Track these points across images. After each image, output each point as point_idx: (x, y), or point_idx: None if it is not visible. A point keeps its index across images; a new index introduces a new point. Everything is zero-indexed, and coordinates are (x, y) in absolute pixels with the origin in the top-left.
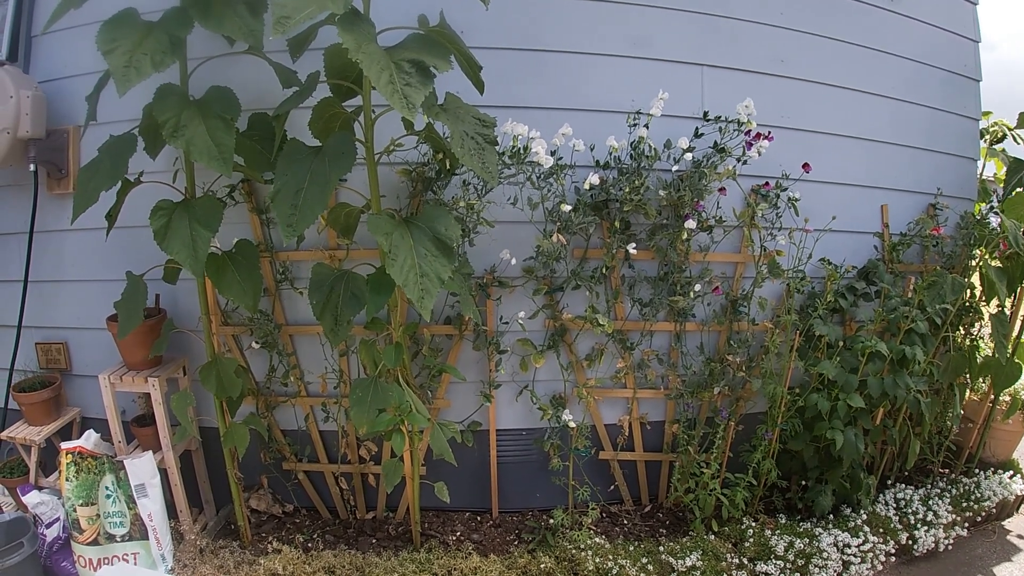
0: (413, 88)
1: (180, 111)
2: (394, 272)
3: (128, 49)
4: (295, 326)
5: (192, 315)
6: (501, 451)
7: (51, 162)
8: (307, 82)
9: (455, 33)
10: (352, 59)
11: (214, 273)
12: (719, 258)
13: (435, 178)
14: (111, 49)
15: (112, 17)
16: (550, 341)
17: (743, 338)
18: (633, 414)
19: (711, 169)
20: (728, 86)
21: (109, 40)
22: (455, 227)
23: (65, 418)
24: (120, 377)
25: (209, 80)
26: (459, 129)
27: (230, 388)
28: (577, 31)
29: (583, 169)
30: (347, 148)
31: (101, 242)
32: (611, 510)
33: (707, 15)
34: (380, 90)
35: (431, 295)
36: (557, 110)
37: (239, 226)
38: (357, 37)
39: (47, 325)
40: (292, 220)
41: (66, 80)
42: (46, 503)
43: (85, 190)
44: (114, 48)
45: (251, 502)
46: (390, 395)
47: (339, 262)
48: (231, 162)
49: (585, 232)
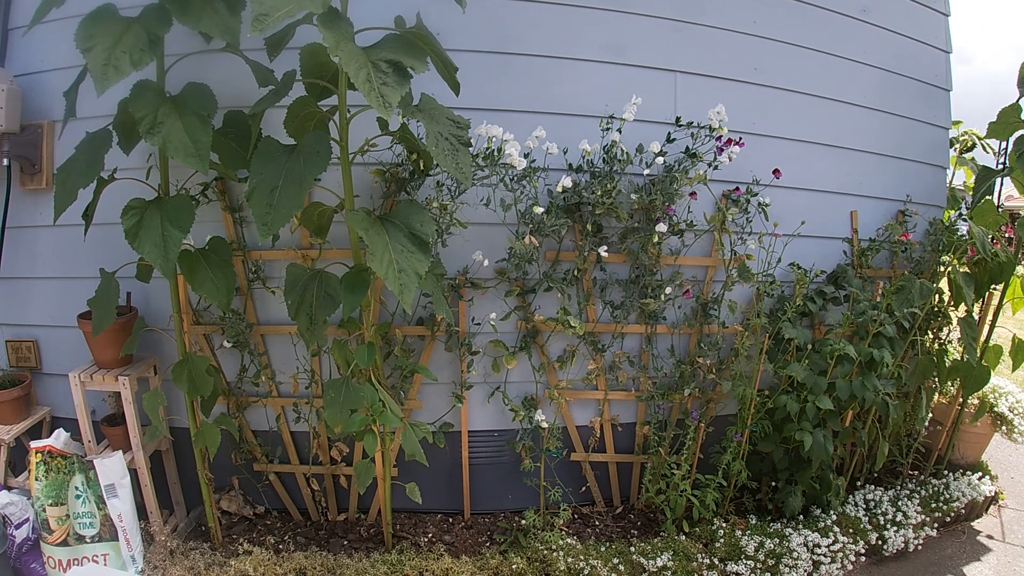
0: (390, 88)
1: (157, 107)
2: (375, 264)
3: (107, 47)
4: (267, 326)
5: (164, 314)
6: (473, 452)
7: (25, 157)
8: (283, 81)
9: (431, 35)
10: (331, 57)
11: (187, 270)
12: (690, 262)
13: (409, 179)
14: (90, 47)
15: (90, 13)
16: (522, 343)
17: (713, 341)
18: (604, 416)
19: (682, 174)
20: (701, 92)
21: (87, 37)
22: (430, 223)
23: (35, 417)
24: (91, 376)
25: (186, 77)
26: (434, 130)
27: (202, 387)
28: (552, 35)
29: (556, 172)
30: (322, 147)
31: (73, 239)
32: (583, 511)
33: (682, 22)
34: (358, 87)
35: (410, 289)
36: (531, 113)
37: (212, 224)
38: (336, 36)
39: (17, 323)
40: (267, 219)
41: (42, 74)
42: (15, 503)
43: (64, 189)
44: (93, 46)
45: (222, 503)
46: (363, 395)
47: (312, 262)
48: (207, 159)
49: (557, 235)
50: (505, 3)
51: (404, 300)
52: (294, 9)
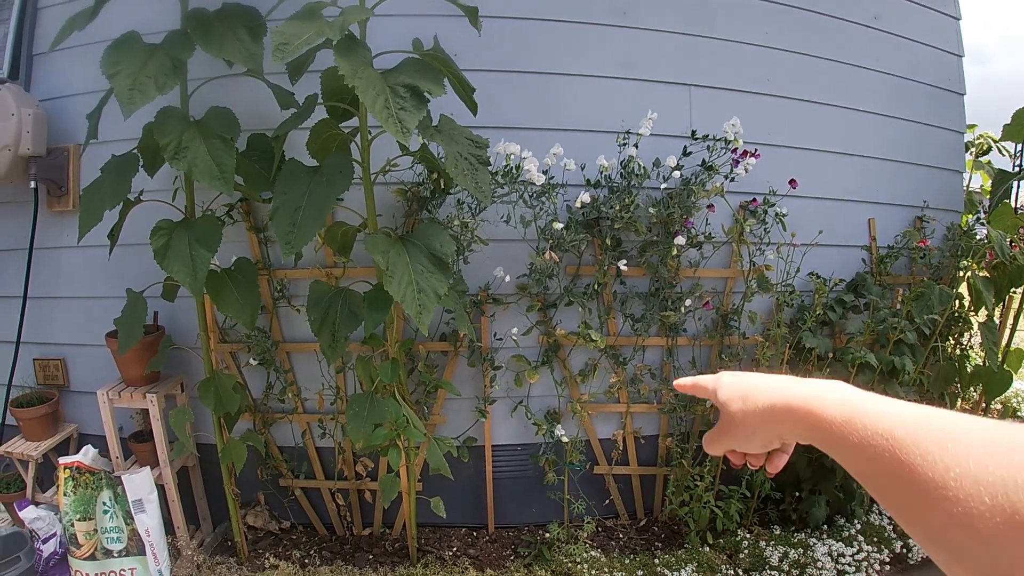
0: (407, 112)
1: (181, 132)
2: (392, 289)
3: (132, 72)
4: (292, 343)
5: (190, 332)
6: (497, 466)
7: (51, 179)
8: (305, 104)
9: (449, 56)
10: (348, 84)
11: (213, 290)
12: (709, 273)
13: (430, 197)
14: (115, 72)
15: (115, 40)
16: (544, 357)
17: (734, 352)
18: (627, 428)
19: (699, 187)
20: (715, 105)
21: (113, 63)
22: (450, 243)
23: (62, 434)
24: (118, 393)
25: (208, 101)
26: (453, 150)
27: (228, 404)
28: (566, 53)
29: (574, 188)
30: (345, 168)
31: (99, 259)
32: (606, 524)
33: (693, 36)
34: (375, 115)
35: (428, 310)
36: (548, 130)
37: (237, 244)
38: (353, 62)
39: (45, 341)
40: (290, 237)
41: (66, 99)
42: (43, 518)
43: (89, 209)
44: (118, 72)
45: (248, 518)
46: (387, 410)
47: (336, 280)
48: (232, 182)
49: (577, 249)
50: (519, 23)
51: (422, 323)
52: (313, 37)
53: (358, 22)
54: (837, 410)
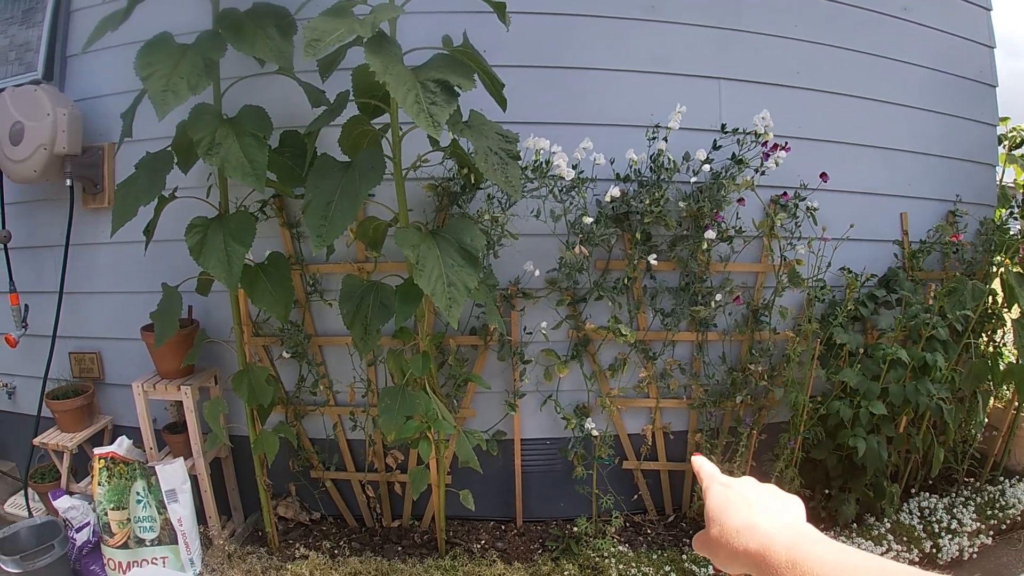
0: (438, 107)
1: (214, 130)
2: (422, 282)
3: (165, 73)
4: (324, 337)
5: (224, 326)
6: (525, 460)
7: (87, 177)
8: (337, 101)
9: (478, 52)
10: (379, 81)
11: (247, 284)
12: (739, 268)
13: (460, 192)
14: (149, 74)
15: (148, 41)
16: (573, 351)
17: (765, 347)
18: (656, 424)
19: (730, 180)
20: (745, 98)
21: (146, 64)
22: (480, 237)
23: (97, 425)
24: (153, 385)
25: (240, 99)
26: (483, 145)
27: (261, 396)
28: (595, 48)
29: (604, 182)
30: (376, 163)
31: (133, 255)
32: (634, 519)
33: (722, 29)
34: (406, 110)
35: (458, 304)
36: (577, 125)
37: (270, 240)
38: (384, 59)
39: (81, 335)
40: (322, 230)
41: (100, 99)
42: (77, 507)
43: (124, 205)
44: (152, 73)
45: (279, 509)
46: (417, 403)
47: (368, 275)
48: (264, 178)
49: (607, 244)
50: (547, 18)
51: (451, 316)
52: (344, 34)
53: (388, 20)
54: (783, 555)
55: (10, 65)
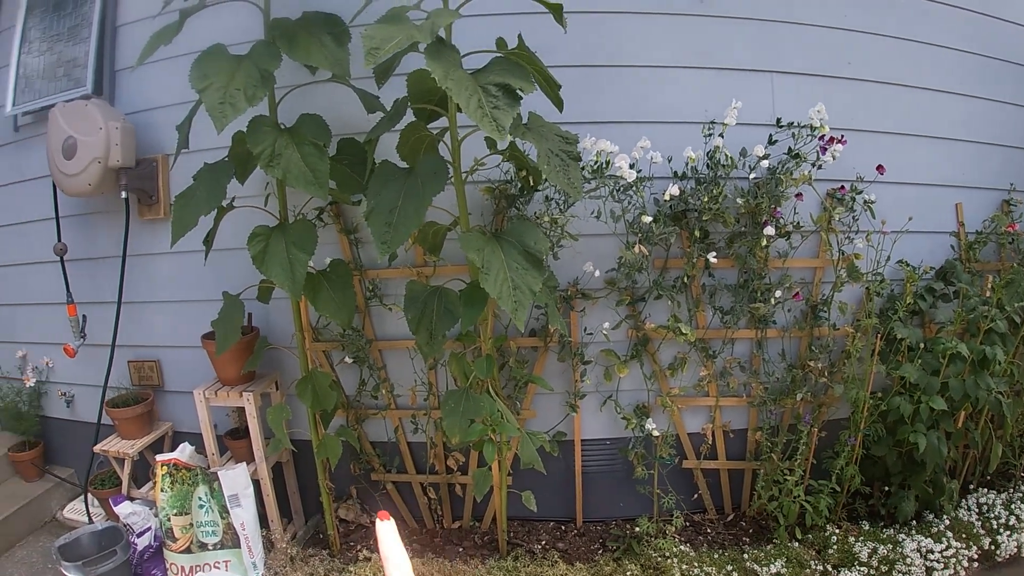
0: (501, 111)
1: (274, 140)
2: (488, 286)
3: (221, 85)
4: (384, 341)
5: (283, 332)
6: (586, 460)
7: (142, 189)
8: (396, 108)
9: (533, 54)
10: (441, 86)
11: (310, 292)
12: (798, 263)
13: (519, 195)
14: (205, 87)
15: (202, 53)
16: (633, 351)
17: (824, 343)
18: (716, 422)
19: (787, 175)
20: (797, 91)
21: (202, 77)
22: (543, 240)
23: (158, 432)
24: (215, 392)
25: (293, 107)
26: (544, 147)
27: (325, 401)
28: (645, 45)
29: (660, 180)
30: (439, 168)
31: (190, 264)
32: (694, 519)
33: (772, 21)
34: (469, 114)
35: (524, 306)
36: (630, 123)
37: (328, 246)
38: (444, 65)
39: (139, 344)
40: (387, 237)
41: (151, 111)
42: (138, 513)
43: (183, 216)
44: (208, 85)
45: (340, 512)
46: (481, 405)
47: (427, 279)
48: (326, 186)
49: (665, 242)
50: (598, 17)
51: (518, 318)
52: (403, 41)
53: (444, 25)
54: None
55: (59, 81)
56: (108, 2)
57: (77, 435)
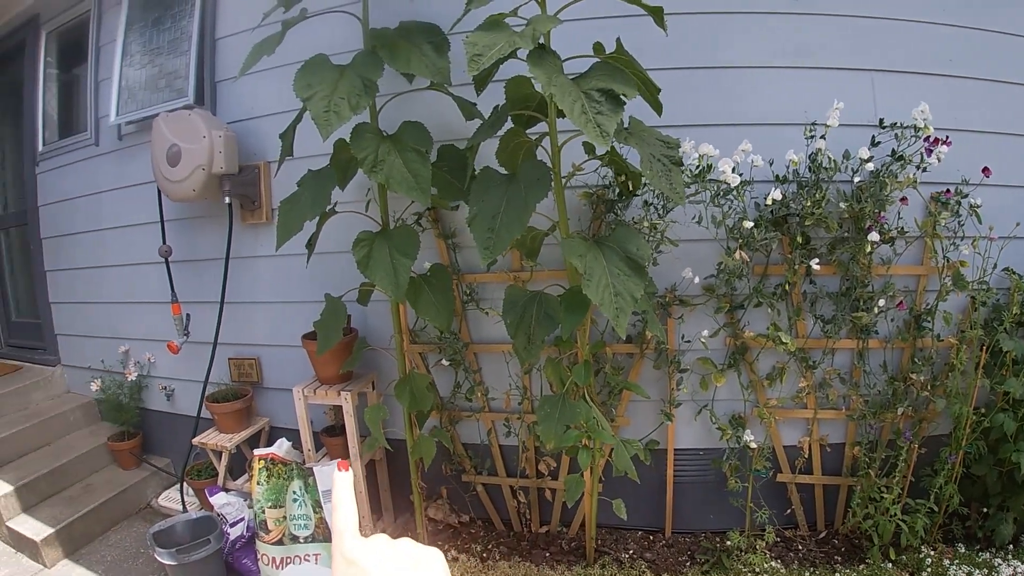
0: (605, 116)
1: (377, 147)
2: (590, 292)
3: (326, 95)
4: (480, 344)
5: (380, 333)
6: (678, 470)
7: (244, 195)
8: (497, 115)
9: (632, 57)
10: (544, 92)
11: (411, 296)
12: (901, 271)
13: (617, 200)
14: (309, 96)
15: (305, 63)
16: (730, 359)
17: (927, 355)
18: (813, 435)
19: (891, 178)
20: (897, 90)
21: (306, 87)
22: (645, 246)
23: (255, 427)
24: (313, 391)
25: (392, 116)
26: (646, 152)
27: (422, 402)
28: (742, 45)
29: (760, 184)
30: (542, 175)
31: (291, 267)
32: (785, 534)
33: (869, 18)
34: (573, 120)
35: (626, 313)
36: (728, 125)
37: (426, 251)
38: (547, 71)
39: (240, 342)
40: (489, 243)
41: (252, 120)
42: (232, 504)
43: (288, 221)
44: (312, 95)
45: (429, 511)
46: (577, 412)
47: (523, 283)
48: (428, 191)
49: (766, 248)
50: (692, 18)
51: (619, 325)
52: (505, 47)
53: (545, 32)
54: None
55: (160, 92)
56: (207, 17)
57: (175, 427)
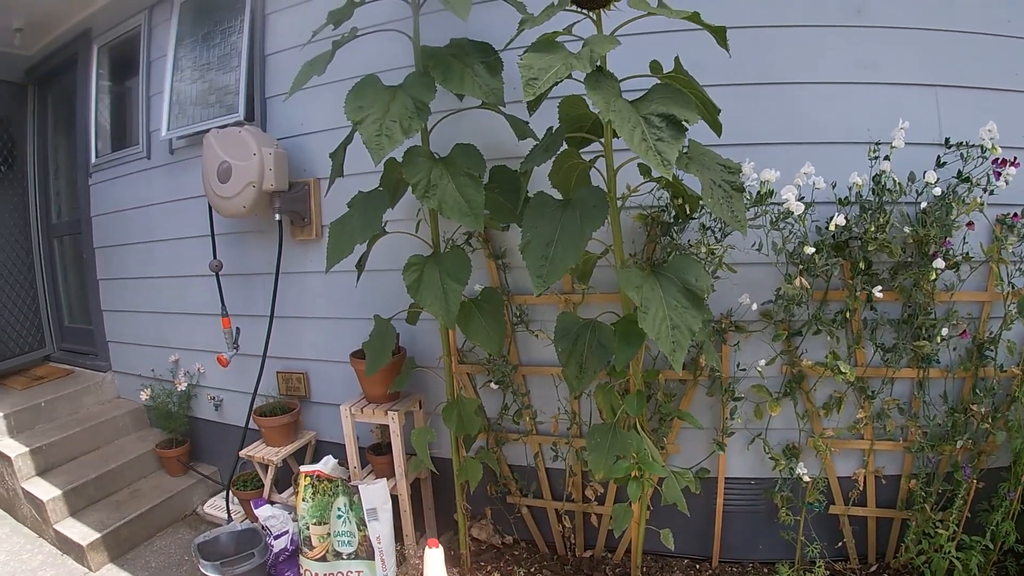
0: (666, 143)
1: (429, 171)
2: (646, 325)
3: (377, 118)
4: (528, 366)
5: (428, 352)
6: (727, 499)
7: (295, 212)
8: (551, 139)
9: (692, 77)
10: (603, 119)
11: (462, 320)
12: (964, 297)
13: (672, 223)
14: (361, 119)
15: (356, 85)
16: (786, 388)
17: (988, 385)
18: (869, 467)
19: (959, 202)
20: (963, 105)
21: (357, 109)
22: (705, 277)
23: (301, 441)
24: (360, 409)
25: (443, 133)
26: (707, 177)
27: (469, 426)
28: (801, 60)
29: (821, 206)
30: (598, 201)
31: (340, 283)
32: (835, 567)
33: (932, 31)
34: (633, 148)
35: (682, 347)
36: (789, 144)
37: (476, 271)
38: (605, 95)
39: (288, 356)
40: (542, 271)
41: (302, 137)
42: (276, 516)
43: (339, 243)
44: (364, 117)
45: (473, 531)
46: (628, 442)
47: (574, 306)
48: (481, 217)
49: (827, 274)
50: (748, 32)
51: (675, 360)
52: (562, 71)
53: (602, 54)
54: None
55: (211, 107)
56: (256, 33)
57: (222, 436)
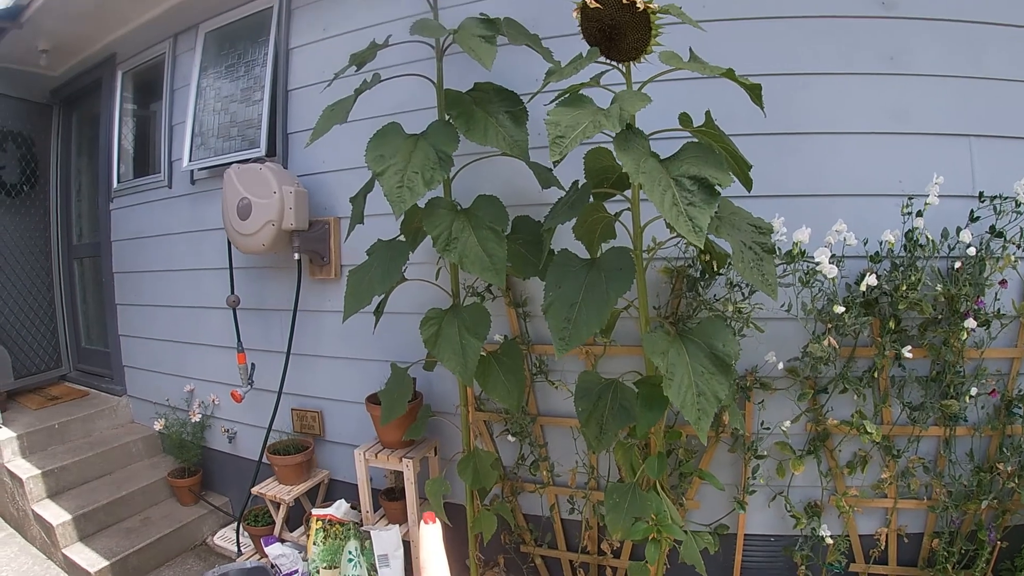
0: (697, 208)
1: (450, 223)
2: (671, 393)
3: (399, 169)
4: (547, 417)
5: (445, 399)
6: (746, 556)
7: (314, 251)
8: (577, 195)
9: (722, 132)
10: (632, 182)
11: (480, 374)
12: (994, 354)
13: (699, 278)
14: (382, 170)
15: (377, 133)
16: (810, 446)
17: (1015, 443)
18: (891, 526)
19: (992, 259)
20: (998, 156)
21: (378, 159)
22: (733, 342)
23: (314, 480)
24: (375, 454)
25: (462, 178)
26: (737, 239)
27: (485, 480)
28: (829, 109)
29: (851, 260)
30: (625, 264)
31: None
32: None
33: (965, 78)
34: (663, 213)
35: (708, 415)
36: (814, 196)
37: (496, 319)
38: (635, 156)
39: (303, 394)
40: (565, 334)
41: (323, 175)
42: (287, 555)
43: (357, 292)
44: (385, 169)
45: None
46: (648, 504)
47: (595, 358)
48: (503, 273)
49: (855, 332)
50: (777, 80)
51: (700, 429)
52: (589, 128)
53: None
54: None
55: (232, 140)
56: (280, 67)
57: (235, 468)
